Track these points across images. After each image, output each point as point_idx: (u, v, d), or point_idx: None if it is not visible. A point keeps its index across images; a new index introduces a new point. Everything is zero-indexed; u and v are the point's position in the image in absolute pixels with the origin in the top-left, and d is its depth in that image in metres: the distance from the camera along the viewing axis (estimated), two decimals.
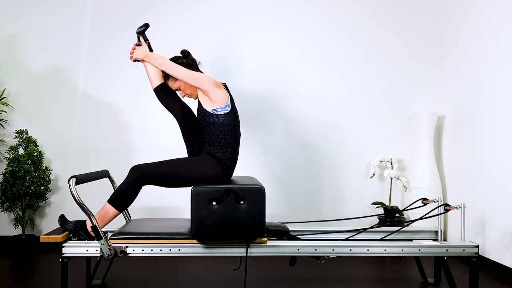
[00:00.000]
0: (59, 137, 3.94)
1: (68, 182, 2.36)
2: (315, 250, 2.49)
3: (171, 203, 3.95)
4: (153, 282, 2.98)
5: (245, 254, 2.44)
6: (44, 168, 3.76)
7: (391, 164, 3.86)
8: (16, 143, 3.72)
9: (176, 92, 2.73)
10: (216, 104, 2.52)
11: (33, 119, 3.93)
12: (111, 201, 2.49)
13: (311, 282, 3.00)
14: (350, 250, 2.50)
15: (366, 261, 3.53)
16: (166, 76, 2.67)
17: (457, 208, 2.67)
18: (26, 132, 3.78)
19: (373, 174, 3.91)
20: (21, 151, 3.83)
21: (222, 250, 2.46)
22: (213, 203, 2.36)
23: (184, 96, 2.68)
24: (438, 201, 2.83)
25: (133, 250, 2.41)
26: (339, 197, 4.02)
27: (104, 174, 2.82)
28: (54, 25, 3.95)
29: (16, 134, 3.76)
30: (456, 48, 3.82)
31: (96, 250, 2.39)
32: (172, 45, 3.97)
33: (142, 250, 2.42)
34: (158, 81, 2.73)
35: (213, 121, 2.54)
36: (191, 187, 2.43)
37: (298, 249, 2.49)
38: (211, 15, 3.99)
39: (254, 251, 2.46)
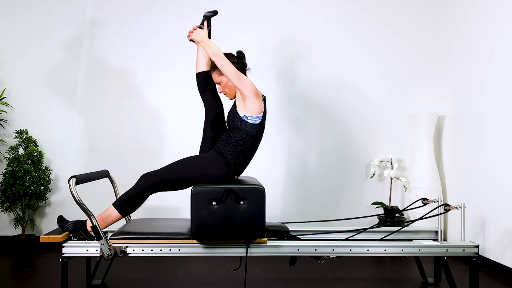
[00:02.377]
0: (59, 137, 3.94)
1: (68, 182, 2.36)
2: (315, 250, 2.49)
3: (171, 203, 3.95)
4: (153, 282, 2.98)
5: (245, 254, 2.44)
6: (44, 168, 3.76)
7: (391, 164, 3.86)
8: (16, 143, 3.72)
9: (216, 85, 2.72)
10: (249, 111, 2.52)
11: (33, 119, 3.93)
12: (117, 205, 2.49)
13: (311, 282, 3.00)
14: (350, 250, 2.50)
15: (366, 261, 3.53)
16: (213, 67, 2.67)
17: (457, 208, 2.67)
18: (26, 132, 3.78)
19: (373, 174, 3.91)
20: (21, 151, 3.83)
21: (222, 250, 2.45)
22: (213, 203, 2.36)
23: (221, 92, 2.68)
24: (438, 201, 2.83)
25: (133, 250, 2.41)
26: (339, 197, 4.02)
27: (104, 174, 2.82)
28: (55, 25, 3.95)
29: (16, 134, 3.76)
30: (456, 48, 3.82)
31: (96, 250, 2.39)
32: (176, 44, 3.98)
33: (142, 250, 2.42)
34: (204, 67, 2.72)
35: (239, 126, 2.54)
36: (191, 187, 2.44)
37: (298, 249, 2.49)
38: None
39: (254, 251, 2.46)
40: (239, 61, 2.65)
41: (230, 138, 2.55)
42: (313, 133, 4.02)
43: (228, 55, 2.64)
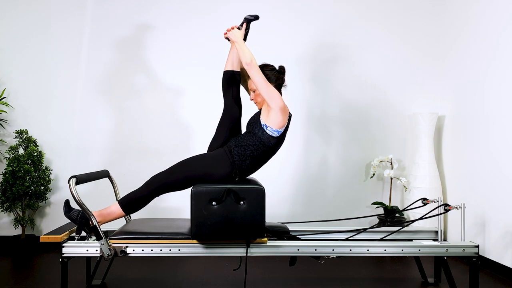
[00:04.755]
0: (59, 137, 3.94)
1: (68, 182, 2.36)
2: (315, 250, 2.49)
3: (171, 203, 3.95)
4: (153, 282, 2.98)
5: (245, 254, 2.44)
6: (44, 168, 3.76)
7: (391, 164, 3.86)
8: (16, 143, 3.72)
9: (250, 93, 2.69)
10: (270, 122, 2.50)
11: (33, 119, 3.93)
12: (122, 203, 2.49)
13: (311, 282, 3.00)
14: (350, 250, 2.50)
15: (366, 261, 3.53)
16: (248, 75, 2.65)
17: (457, 208, 2.67)
18: (26, 132, 3.78)
19: (373, 174, 3.91)
20: (21, 151, 3.82)
21: (222, 250, 2.46)
22: (213, 203, 2.36)
23: (252, 99, 2.66)
24: (438, 201, 2.83)
25: (133, 250, 2.41)
26: (339, 197, 4.02)
27: (104, 174, 2.82)
28: (55, 25, 3.95)
29: (16, 134, 3.76)
30: (456, 48, 3.82)
31: (96, 250, 2.39)
32: (177, 44, 3.99)
33: (142, 250, 2.42)
34: (232, 67, 2.71)
35: (256, 132, 2.52)
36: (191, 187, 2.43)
37: (298, 249, 2.49)
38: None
39: (254, 251, 2.46)
40: (278, 75, 2.63)
41: (243, 141, 2.53)
42: (312, 132, 4.02)
43: (269, 67, 2.63)
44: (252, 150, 2.51)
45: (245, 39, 2.67)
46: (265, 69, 2.62)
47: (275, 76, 2.61)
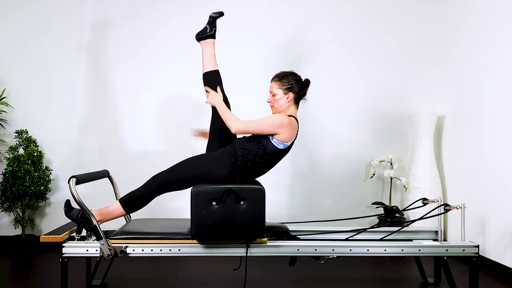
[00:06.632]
0: (59, 137, 3.93)
1: (68, 182, 2.36)
2: (315, 250, 2.49)
3: (171, 203, 3.95)
4: (153, 282, 2.98)
5: (245, 254, 2.44)
6: (44, 168, 3.76)
7: (391, 164, 3.86)
8: (16, 143, 3.72)
9: (269, 96, 2.65)
10: (277, 135, 2.50)
11: (33, 119, 3.93)
12: (123, 202, 2.50)
13: (311, 282, 3.00)
14: (350, 250, 2.50)
15: (366, 261, 3.53)
16: (276, 76, 2.63)
17: (457, 208, 2.67)
18: (26, 132, 3.78)
19: (373, 174, 3.91)
20: (21, 151, 3.82)
21: (222, 250, 2.46)
22: (213, 203, 2.36)
23: (269, 101, 2.63)
24: (438, 201, 2.83)
25: (133, 250, 2.41)
26: (339, 197, 4.02)
27: (104, 174, 2.82)
28: (55, 25, 3.95)
29: (16, 134, 3.76)
30: (456, 48, 3.82)
31: (96, 250, 2.39)
32: (175, 44, 3.99)
33: (142, 250, 2.42)
34: (210, 67, 2.69)
35: (262, 140, 2.51)
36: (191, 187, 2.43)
37: (298, 249, 2.49)
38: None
39: (254, 251, 2.46)
40: (302, 87, 2.61)
41: (248, 145, 2.52)
42: (312, 132, 4.02)
43: (295, 76, 2.61)
44: (254, 156, 2.51)
45: (214, 36, 2.66)
46: (291, 77, 2.60)
47: (299, 87, 2.60)
